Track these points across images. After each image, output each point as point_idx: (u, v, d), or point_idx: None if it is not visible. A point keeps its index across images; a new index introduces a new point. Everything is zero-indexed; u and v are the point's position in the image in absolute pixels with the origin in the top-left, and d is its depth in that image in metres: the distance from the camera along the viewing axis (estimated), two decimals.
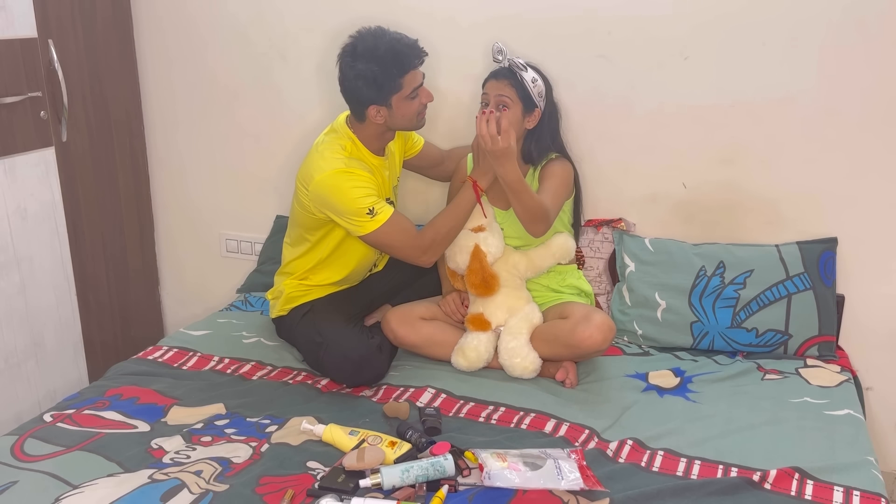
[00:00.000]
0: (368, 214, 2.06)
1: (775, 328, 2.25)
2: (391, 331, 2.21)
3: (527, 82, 2.15)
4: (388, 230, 2.08)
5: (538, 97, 2.17)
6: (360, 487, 1.62)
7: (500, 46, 2.16)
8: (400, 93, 2.06)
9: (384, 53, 2.02)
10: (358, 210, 2.06)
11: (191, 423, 1.90)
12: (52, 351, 2.48)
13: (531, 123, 2.20)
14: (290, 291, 2.28)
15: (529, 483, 1.64)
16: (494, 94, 2.16)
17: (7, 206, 2.27)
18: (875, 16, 2.12)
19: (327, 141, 2.17)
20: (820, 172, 2.27)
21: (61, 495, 1.60)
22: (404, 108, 2.09)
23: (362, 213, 2.06)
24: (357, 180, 2.08)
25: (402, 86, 2.05)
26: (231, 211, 2.92)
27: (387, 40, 2.04)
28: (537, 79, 2.18)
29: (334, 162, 2.09)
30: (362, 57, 2.02)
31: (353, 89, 2.07)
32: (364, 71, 2.02)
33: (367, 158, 2.16)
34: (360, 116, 2.12)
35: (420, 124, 2.19)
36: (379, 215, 2.06)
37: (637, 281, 2.38)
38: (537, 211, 2.07)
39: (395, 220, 2.09)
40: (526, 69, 2.16)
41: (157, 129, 2.90)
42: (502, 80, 2.17)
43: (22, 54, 2.25)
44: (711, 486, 1.67)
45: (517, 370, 2.14)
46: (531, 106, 2.18)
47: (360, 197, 2.06)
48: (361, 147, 2.16)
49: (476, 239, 2.20)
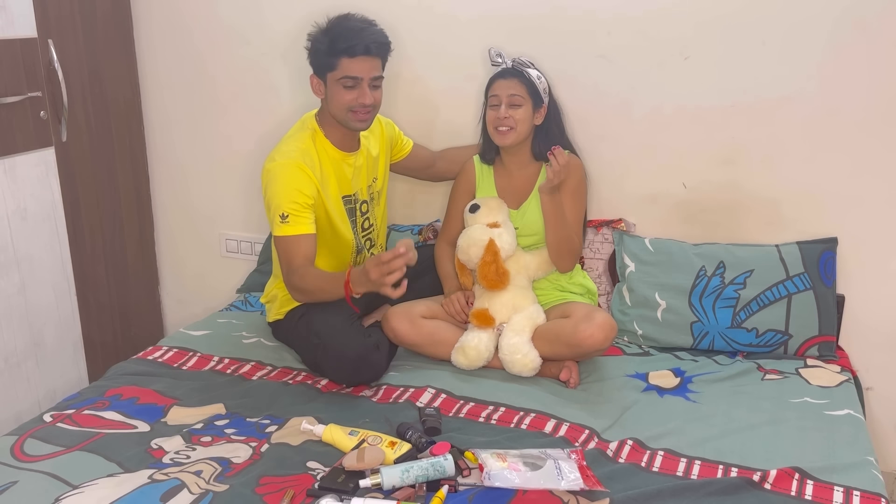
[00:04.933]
0: (280, 218, 2.06)
1: (775, 328, 2.25)
2: (391, 329, 2.21)
3: (533, 79, 2.19)
4: (287, 245, 2.08)
5: (544, 93, 2.22)
6: (360, 487, 1.62)
7: (498, 50, 2.21)
8: (333, 73, 2.09)
9: (335, 29, 2.08)
10: (276, 206, 2.07)
11: (191, 424, 1.90)
12: (52, 351, 2.48)
13: (539, 120, 2.24)
14: (283, 295, 2.28)
15: (529, 483, 1.64)
16: (506, 94, 2.18)
17: (7, 206, 2.27)
18: (875, 15, 2.11)
19: (290, 132, 2.22)
20: (820, 172, 2.27)
21: (61, 495, 1.60)
22: (336, 93, 2.11)
23: (276, 213, 2.07)
24: (298, 180, 2.08)
25: (336, 66, 2.08)
26: (231, 211, 2.92)
27: (350, 23, 2.09)
28: (541, 75, 2.23)
29: (287, 154, 2.12)
30: (324, 29, 2.10)
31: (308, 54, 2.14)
32: (314, 38, 2.11)
33: (327, 151, 2.18)
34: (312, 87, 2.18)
35: (352, 124, 2.14)
36: (289, 226, 2.06)
37: (637, 281, 2.38)
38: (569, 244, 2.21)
39: (299, 241, 2.07)
40: (530, 66, 2.21)
41: (157, 129, 2.90)
42: (511, 79, 2.19)
43: (22, 54, 2.25)
44: (711, 486, 1.66)
45: (517, 366, 2.14)
46: (539, 102, 2.22)
47: (284, 197, 2.07)
48: (323, 139, 2.18)
49: (491, 234, 2.22)
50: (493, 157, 2.35)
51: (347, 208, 2.25)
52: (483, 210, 2.29)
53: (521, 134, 2.22)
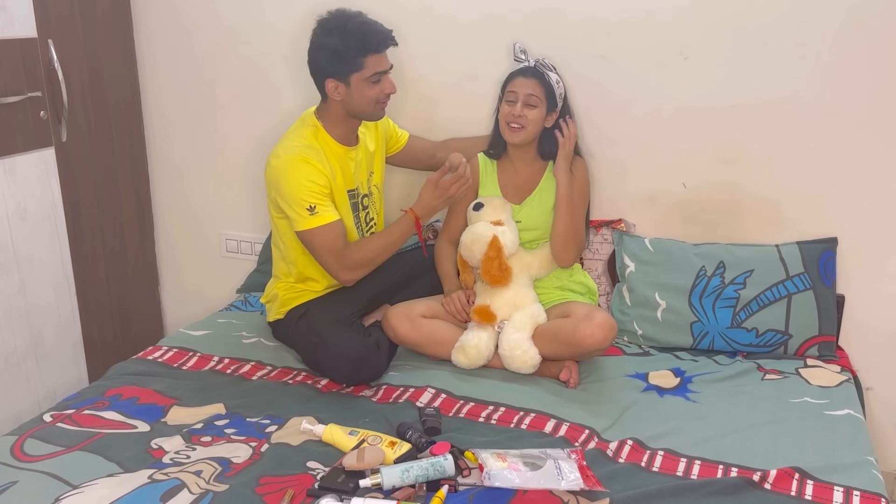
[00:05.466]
0: (308, 211, 2.06)
1: (775, 328, 2.25)
2: (391, 328, 2.21)
3: (553, 83, 2.20)
4: (322, 234, 2.08)
5: (560, 98, 2.24)
6: (360, 487, 1.62)
7: (523, 46, 2.22)
8: (360, 73, 2.08)
9: (352, 30, 2.05)
10: (300, 201, 2.06)
11: (191, 423, 1.90)
12: (52, 351, 2.48)
13: (549, 123, 2.26)
14: (283, 294, 2.28)
15: (529, 483, 1.64)
16: (524, 93, 2.20)
17: (7, 206, 2.27)
18: (876, 17, 2.11)
19: (291, 129, 2.21)
20: (820, 172, 2.27)
21: (61, 495, 1.60)
22: (363, 90, 2.10)
23: (303, 207, 2.06)
24: (310, 173, 2.08)
25: (363, 65, 2.07)
26: (231, 211, 2.91)
27: (359, 21, 2.08)
28: (560, 81, 2.24)
29: (291, 149, 2.11)
30: (331, 30, 2.07)
31: (315, 59, 2.11)
32: (328, 43, 2.06)
33: (330, 147, 2.18)
34: (322, 91, 2.15)
35: (377, 114, 2.19)
36: (318, 216, 2.06)
37: (637, 281, 2.38)
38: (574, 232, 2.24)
39: (332, 227, 2.08)
40: (552, 69, 2.22)
41: (157, 129, 2.90)
42: (531, 78, 2.20)
43: (22, 54, 2.25)
44: (711, 486, 1.67)
45: (517, 362, 2.15)
46: (553, 106, 2.23)
47: (305, 189, 2.06)
48: (325, 135, 2.18)
49: (495, 231, 2.23)
50: (501, 152, 2.36)
51: (352, 202, 2.25)
52: (487, 209, 2.29)
53: (530, 134, 2.23)
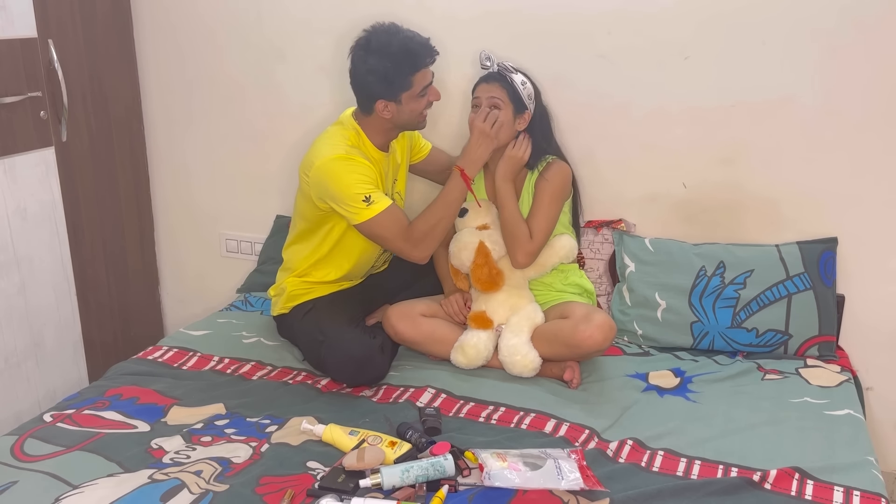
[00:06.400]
0: (364, 202, 2.06)
1: (775, 328, 2.25)
2: (391, 326, 2.21)
3: (517, 84, 2.19)
4: (383, 220, 2.08)
5: (528, 99, 2.21)
6: (360, 487, 1.62)
7: (488, 53, 2.22)
8: (410, 91, 2.08)
9: (397, 51, 2.04)
10: (354, 196, 2.06)
11: (191, 423, 1.90)
12: (52, 351, 2.48)
13: (522, 125, 2.23)
14: (291, 289, 2.28)
15: (529, 483, 1.64)
16: (486, 97, 2.20)
17: (7, 206, 2.27)
18: (875, 16, 2.11)
19: (332, 131, 2.20)
20: (820, 172, 2.27)
21: (61, 495, 1.60)
22: (413, 106, 2.12)
23: (358, 200, 2.06)
24: (356, 167, 2.09)
25: (412, 84, 2.08)
26: (231, 211, 2.92)
27: (400, 38, 2.07)
28: (526, 81, 2.22)
29: (335, 149, 2.10)
30: (375, 52, 2.05)
31: (363, 83, 2.09)
32: (376, 66, 2.04)
33: (369, 151, 2.18)
34: (368, 110, 2.14)
35: (423, 124, 2.21)
36: (375, 204, 2.07)
37: (637, 281, 2.38)
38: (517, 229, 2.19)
39: (391, 211, 2.09)
40: (515, 72, 2.21)
41: (157, 128, 2.90)
42: (493, 83, 2.20)
43: (22, 54, 2.25)
44: (711, 486, 1.67)
45: (517, 368, 2.14)
46: (522, 108, 2.21)
47: (357, 183, 2.07)
48: (365, 139, 2.18)
49: (480, 236, 2.22)
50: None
51: None
52: (471, 214, 2.29)
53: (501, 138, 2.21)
